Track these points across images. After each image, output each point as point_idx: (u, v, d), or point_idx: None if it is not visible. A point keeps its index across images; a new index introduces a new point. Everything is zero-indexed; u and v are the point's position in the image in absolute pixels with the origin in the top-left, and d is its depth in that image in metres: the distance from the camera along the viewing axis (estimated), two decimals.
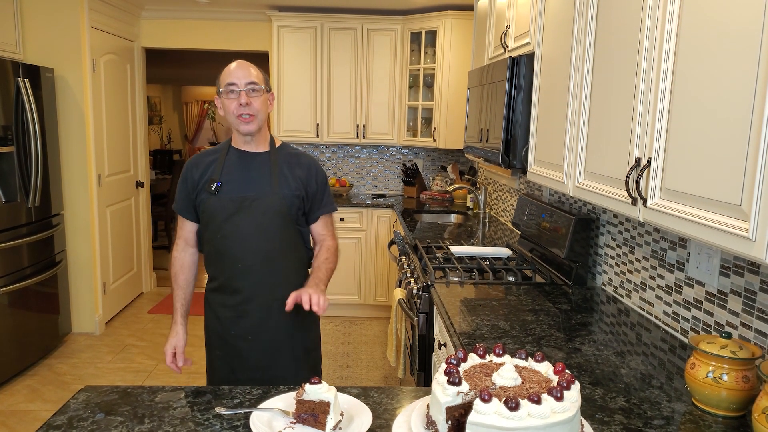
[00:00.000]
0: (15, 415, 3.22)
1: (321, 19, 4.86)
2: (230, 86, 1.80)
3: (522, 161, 2.64)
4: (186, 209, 1.94)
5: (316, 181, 1.95)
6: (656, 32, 1.43)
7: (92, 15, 4.23)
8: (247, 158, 1.90)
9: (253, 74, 1.83)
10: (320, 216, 1.99)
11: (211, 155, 1.94)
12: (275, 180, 1.87)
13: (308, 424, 1.23)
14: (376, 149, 5.44)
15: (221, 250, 1.86)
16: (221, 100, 1.85)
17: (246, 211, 1.83)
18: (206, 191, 1.86)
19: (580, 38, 1.93)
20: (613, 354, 1.68)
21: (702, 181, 1.24)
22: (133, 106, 5.13)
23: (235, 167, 1.89)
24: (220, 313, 1.92)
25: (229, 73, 1.83)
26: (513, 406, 0.92)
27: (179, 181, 1.96)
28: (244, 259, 1.85)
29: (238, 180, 1.87)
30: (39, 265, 3.85)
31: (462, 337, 1.78)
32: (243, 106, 1.80)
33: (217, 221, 1.85)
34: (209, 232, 1.88)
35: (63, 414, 1.28)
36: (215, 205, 1.84)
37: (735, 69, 1.13)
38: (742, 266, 1.56)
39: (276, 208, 1.85)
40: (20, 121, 3.63)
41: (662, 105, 1.40)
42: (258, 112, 1.83)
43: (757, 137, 1.06)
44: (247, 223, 1.83)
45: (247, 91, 1.80)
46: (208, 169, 1.89)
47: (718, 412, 1.32)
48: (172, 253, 2.01)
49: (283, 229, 1.88)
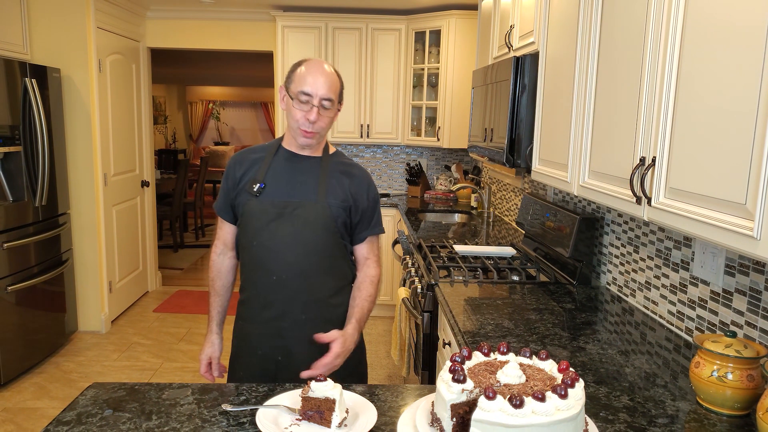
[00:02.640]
0: (23, 412, 3.24)
1: (325, 19, 4.87)
2: (304, 95, 1.63)
3: (526, 160, 2.65)
4: (224, 209, 1.80)
5: (368, 198, 1.79)
6: (661, 31, 1.43)
7: (98, 15, 4.26)
8: (296, 161, 1.74)
9: (332, 89, 1.66)
10: (367, 237, 1.82)
11: (258, 153, 1.79)
12: (323, 188, 1.71)
13: (314, 421, 1.24)
14: (380, 149, 5.45)
15: (255, 259, 1.71)
16: (287, 102, 1.69)
17: (287, 218, 1.68)
18: (247, 192, 1.71)
19: (584, 37, 1.93)
20: (618, 353, 1.69)
21: (707, 180, 1.24)
22: (139, 105, 5.15)
23: (281, 169, 1.73)
24: (248, 328, 1.77)
25: (307, 77, 1.65)
26: (517, 404, 0.93)
27: (222, 179, 1.82)
28: (280, 271, 1.69)
29: (283, 183, 1.71)
30: (46, 264, 3.87)
31: (466, 336, 1.79)
32: (309, 122, 1.65)
33: (254, 226, 1.70)
34: (245, 238, 1.74)
35: (72, 410, 1.29)
36: (255, 208, 1.69)
37: (739, 68, 1.13)
38: (747, 265, 1.56)
39: (320, 218, 1.68)
40: (27, 121, 3.66)
41: (667, 104, 1.40)
42: (323, 129, 1.69)
43: (762, 136, 1.06)
44: (286, 232, 1.68)
45: (319, 107, 1.64)
46: (252, 167, 1.74)
47: (723, 411, 1.32)
48: (210, 256, 1.88)
49: (325, 241, 1.70)
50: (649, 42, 1.49)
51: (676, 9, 1.37)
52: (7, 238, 3.47)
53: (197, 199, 7.62)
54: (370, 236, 1.83)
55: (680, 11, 1.36)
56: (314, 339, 1.66)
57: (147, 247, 5.35)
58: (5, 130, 3.47)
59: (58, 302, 4.05)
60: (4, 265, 3.45)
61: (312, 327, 1.70)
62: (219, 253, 1.86)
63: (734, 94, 1.15)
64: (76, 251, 4.31)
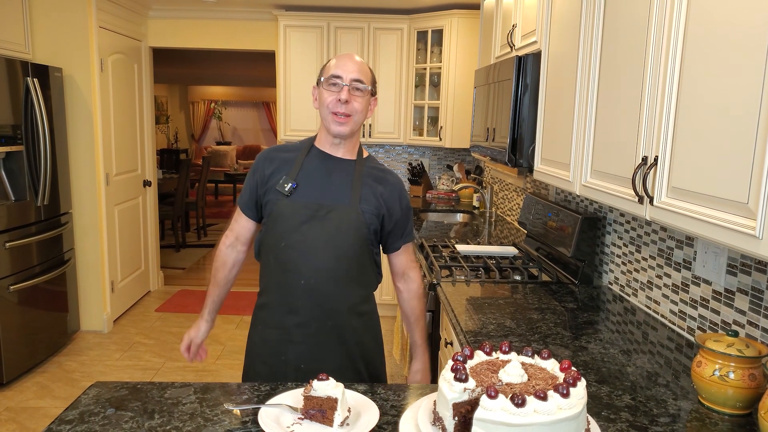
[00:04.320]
0: (25, 412, 3.25)
1: (327, 19, 4.87)
2: (334, 78, 1.61)
3: (528, 160, 2.64)
4: (248, 206, 1.75)
5: (401, 206, 1.74)
6: (663, 30, 1.43)
7: (100, 15, 4.26)
8: (330, 162, 1.69)
9: (362, 70, 1.64)
10: (403, 245, 1.79)
11: (289, 152, 1.74)
12: (356, 193, 1.66)
13: (316, 420, 1.24)
14: (382, 148, 5.45)
15: (283, 261, 1.64)
16: (319, 91, 1.66)
17: (318, 221, 1.62)
18: (277, 191, 1.66)
19: (587, 37, 1.93)
20: (620, 352, 1.69)
21: (709, 179, 1.24)
22: (141, 105, 5.16)
23: (314, 170, 1.68)
24: (268, 334, 1.70)
25: (336, 63, 1.64)
26: (519, 403, 0.93)
27: (249, 174, 1.76)
28: (308, 275, 1.63)
29: (316, 185, 1.66)
30: (48, 264, 3.88)
31: (468, 336, 1.79)
32: (341, 103, 1.60)
33: (284, 227, 1.64)
34: (272, 239, 1.67)
35: (74, 409, 1.30)
36: (285, 208, 1.64)
37: (742, 66, 1.13)
38: (749, 265, 1.56)
39: (353, 223, 1.63)
40: (29, 121, 3.66)
41: (669, 103, 1.40)
42: (356, 113, 1.63)
43: (764, 135, 1.06)
44: (317, 235, 1.62)
45: (350, 87, 1.61)
46: (284, 166, 1.69)
47: (725, 410, 1.32)
48: (218, 246, 1.83)
49: (356, 248, 1.65)
50: (652, 41, 1.49)
51: (678, 8, 1.37)
52: (9, 238, 3.48)
53: (199, 199, 7.63)
54: (405, 245, 1.81)
55: (682, 10, 1.36)
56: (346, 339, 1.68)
57: (149, 246, 5.36)
58: (7, 130, 3.48)
59: (61, 302, 4.06)
60: (6, 264, 3.45)
61: (339, 335, 1.67)
62: (229, 245, 1.81)
63: (736, 93, 1.14)
64: (78, 251, 4.32)
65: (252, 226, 1.78)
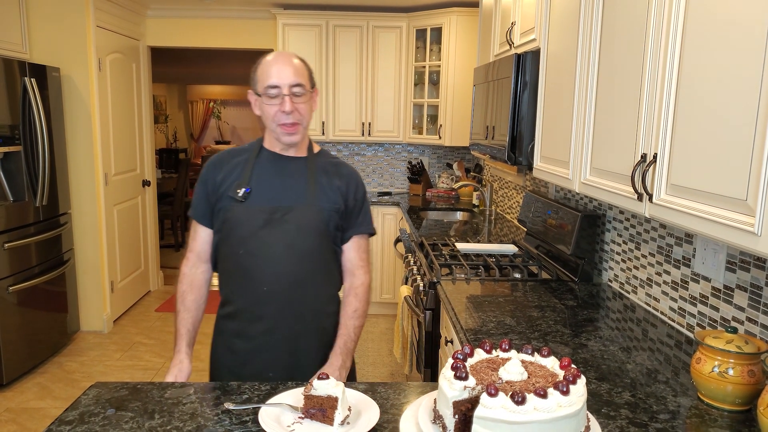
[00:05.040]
0: (25, 413, 3.25)
1: (326, 17, 4.87)
2: (271, 89, 1.55)
3: (528, 158, 2.64)
4: (205, 215, 1.67)
5: (355, 197, 1.69)
6: (662, 27, 1.43)
7: (98, 14, 4.26)
8: (282, 163, 1.65)
9: (298, 72, 1.57)
10: (353, 236, 1.70)
11: (238, 155, 1.68)
12: (312, 190, 1.62)
13: (316, 419, 1.25)
14: (381, 147, 5.45)
15: (243, 268, 1.60)
16: (258, 101, 1.60)
17: (277, 224, 1.58)
18: (230, 197, 1.60)
19: (585, 34, 1.93)
20: (619, 349, 1.69)
21: (708, 176, 1.24)
22: (139, 104, 5.15)
23: (266, 172, 1.64)
24: (234, 345, 1.65)
25: (268, 71, 1.56)
26: (519, 400, 0.93)
27: (198, 183, 1.69)
28: (271, 281, 1.59)
29: (269, 187, 1.62)
30: (47, 264, 3.87)
31: (468, 334, 1.79)
32: (285, 114, 1.55)
33: (240, 234, 1.59)
34: (229, 247, 1.62)
35: (74, 409, 1.30)
36: (241, 214, 1.59)
37: (740, 63, 1.13)
38: (748, 261, 1.56)
39: (312, 222, 1.60)
40: (27, 121, 3.66)
41: (668, 100, 1.40)
42: (303, 119, 1.59)
43: (763, 131, 1.06)
44: (276, 238, 1.58)
45: (290, 95, 1.55)
46: (234, 171, 1.64)
47: (724, 407, 1.32)
48: (181, 269, 1.72)
49: (318, 247, 1.62)
50: (651, 39, 1.49)
51: (677, 5, 1.37)
52: (8, 239, 3.48)
53: None
54: (356, 235, 1.71)
55: (681, 7, 1.36)
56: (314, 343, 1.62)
57: (148, 246, 5.36)
58: (5, 130, 3.47)
59: (60, 302, 4.06)
60: (5, 265, 3.45)
61: (307, 339, 1.64)
62: (191, 265, 1.71)
63: (735, 90, 1.14)
64: (77, 251, 4.32)
65: (210, 239, 1.69)
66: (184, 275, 1.71)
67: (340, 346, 1.66)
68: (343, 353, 1.65)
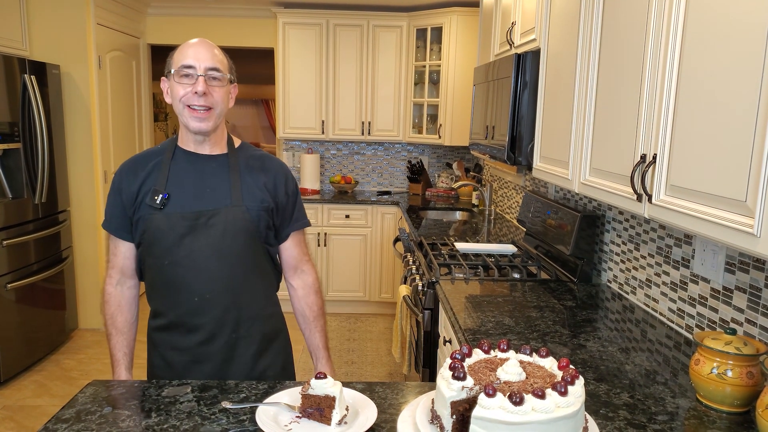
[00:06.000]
0: (23, 410, 3.24)
1: (326, 16, 4.87)
2: (185, 69, 1.44)
3: (527, 158, 2.64)
4: (121, 227, 1.54)
5: (287, 192, 1.60)
6: (662, 28, 1.43)
7: (98, 12, 4.25)
8: (200, 162, 1.53)
9: (218, 58, 1.48)
10: (291, 233, 1.64)
11: (152, 158, 1.55)
12: (237, 189, 1.52)
13: (314, 418, 1.24)
14: (381, 146, 5.44)
15: (171, 279, 1.50)
16: (170, 84, 1.48)
17: (201, 230, 1.48)
18: (148, 205, 1.48)
19: (586, 34, 1.93)
20: (618, 350, 1.69)
21: (707, 177, 1.23)
22: (139, 102, 5.15)
23: (184, 174, 1.52)
24: (170, 357, 1.56)
25: (185, 51, 1.46)
26: (517, 401, 0.93)
27: (111, 193, 1.55)
28: (202, 290, 1.50)
29: (189, 190, 1.50)
30: (46, 262, 3.87)
31: (467, 334, 1.79)
32: (197, 96, 1.44)
33: (164, 244, 1.48)
34: (153, 258, 1.51)
35: (71, 407, 1.29)
36: (161, 223, 1.48)
37: (740, 64, 1.13)
38: (747, 263, 1.56)
39: (239, 224, 1.50)
40: (27, 118, 3.65)
41: (668, 101, 1.40)
42: (216, 104, 1.47)
43: (763, 133, 1.06)
44: (203, 245, 1.48)
45: (206, 77, 1.45)
46: (150, 176, 1.51)
47: (723, 408, 1.32)
48: (105, 289, 1.59)
49: (249, 250, 1.53)
50: (651, 39, 1.49)
51: (678, 5, 1.36)
52: (7, 236, 3.47)
53: None
54: (295, 232, 1.65)
55: (681, 7, 1.35)
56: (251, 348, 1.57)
57: None
58: (4, 127, 3.47)
59: (59, 300, 4.05)
60: (3, 262, 3.45)
61: (246, 345, 1.58)
62: (116, 284, 1.59)
63: (735, 91, 1.14)
64: (76, 249, 4.31)
65: (132, 253, 1.57)
66: (110, 295, 1.59)
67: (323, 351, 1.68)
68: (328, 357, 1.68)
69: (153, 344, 1.61)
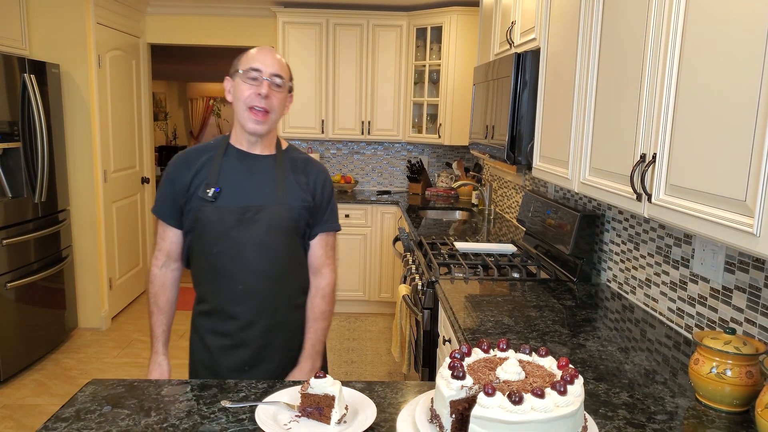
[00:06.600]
0: (22, 409, 3.24)
1: (326, 15, 4.86)
2: (253, 71, 1.55)
3: (527, 157, 2.64)
4: (171, 215, 1.65)
5: (323, 193, 1.70)
6: (662, 27, 1.43)
7: (98, 11, 4.25)
8: (250, 161, 1.64)
9: (282, 66, 1.59)
10: (319, 234, 1.71)
11: (205, 153, 1.65)
12: (282, 188, 1.62)
13: (313, 417, 1.24)
14: (381, 146, 5.44)
15: (217, 268, 1.61)
16: (235, 83, 1.59)
17: (248, 223, 1.58)
18: (200, 197, 1.59)
19: (585, 34, 1.93)
20: (618, 350, 1.69)
21: (707, 176, 1.23)
22: (139, 102, 5.15)
23: (235, 171, 1.62)
24: (210, 341, 1.66)
25: (254, 56, 1.58)
26: (516, 400, 0.93)
27: (163, 182, 1.66)
28: (245, 279, 1.60)
29: (238, 186, 1.61)
30: (45, 261, 3.87)
31: (466, 333, 1.79)
32: (260, 97, 1.54)
33: (213, 234, 1.59)
34: (202, 246, 1.61)
35: (71, 406, 1.29)
36: (211, 215, 1.58)
37: (740, 64, 1.13)
38: (747, 262, 1.56)
39: (282, 221, 1.61)
40: (26, 117, 3.65)
41: (668, 101, 1.40)
42: (274, 109, 1.58)
43: (762, 132, 1.06)
44: (248, 237, 1.59)
45: (270, 82, 1.56)
46: (202, 169, 1.61)
47: (722, 408, 1.32)
48: (151, 270, 1.71)
49: (289, 244, 1.64)
50: (650, 39, 1.49)
51: (677, 5, 1.36)
52: (7, 235, 3.47)
53: None
54: (323, 233, 1.72)
55: (681, 7, 1.35)
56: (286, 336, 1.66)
57: (147, 243, 5.35)
58: (4, 126, 3.46)
59: (58, 299, 4.05)
60: (3, 261, 3.45)
61: (280, 332, 1.67)
62: (161, 265, 1.70)
63: (734, 90, 1.14)
64: (75, 248, 4.31)
65: (179, 238, 1.68)
66: (155, 276, 1.71)
67: (308, 350, 1.71)
68: (312, 357, 1.71)
69: (195, 328, 1.71)
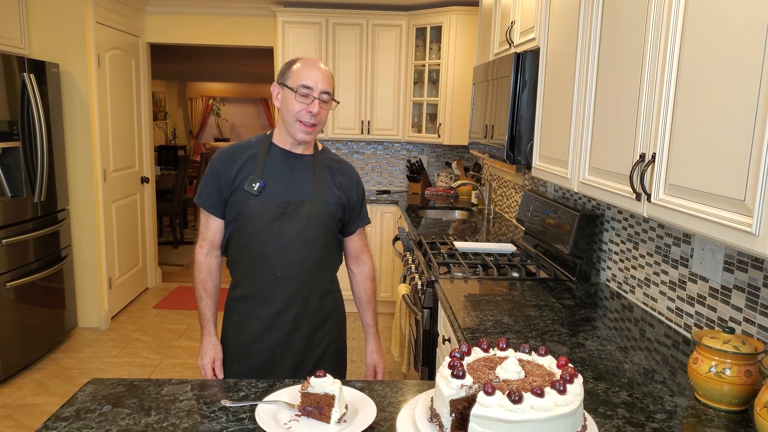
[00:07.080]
0: (22, 409, 3.24)
1: (326, 15, 4.86)
2: (305, 89, 1.67)
3: (527, 157, 2.64)
4: (215, 205, 1.77)
5: (357, 193, 1.88)
6: (662, 27, 1.43)
7: (97, 10, 4.25)
8: (291, 160, 1.77)
9: (330, 82, 1.72)
10: (357, 229, 1.92)
11: (249, 149, 1.77)
12: (320, 186, 1.76)
13: (313, 416, 1.25)
14: (380, 145, 5.44)
15: (258, 257, 1.74)
16: (284, 94, 1.71)
17: (289, 217, 1.72)
18: (245, 191, 1.71)
19: (585, 33, 1.93)
20: (617, 349, 1.69)
21: (706, 176, 1.24)
22: (138, 101, 5.15)
23: (278, 167, 1.75)
24: (246, 324, 1.79)
25: (307, 71, 1.69)
26: (516, 399, 0.93)
27: (207, 173, 1.78)
28: (284, 268, 1.73)
29: (281, 182, 1.74)
30: (45, 260, 3.87)
31: (466, 332, 1.79)
32: (310, 114, 1.68)
33: (256, 225, 1.72)
34: (244, 236, 1.74)
35: (71, 406, 1.29)
36: (256, 207, 1.71)
37: (739, 63, 1.13)
38: (745, 262, 1.56)
39: (320, 215, 1.75)
40: (26, 117, 3.65)
41: (667, 100, 1.40)
42: (321, 123, 1.73)
43: (761, 132, 1.06)
44: (289, 230, 1.72)
45: (320, 100, 1.69)
46: (247, 165, 1.74)
47: (721, 407, 1.32)
48: (197, 257, 1.83)
49: (324, 237, 1.79)
50: (650, 39, 1.49)
51: (677, 4, 1.36)
52: (6, 234, 3.47)
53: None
54: (359, 228, 1.94)
55: (681, 7, 1.35)
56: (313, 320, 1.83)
57: (147, 243, 5.35)
58: (3, 126, 3.46)
59: (58, 298, 4.05)
60: (2, 261, 3.45)
61: (311, 317, 1.82)
62: (206, 253, 1.82)
63: (734, 90, 1.14)
64: (75, 247, 4.31)
65: (222, 228, 1.80)
66: (202, 264, 1.83)
67: (373, 329, 2.04)
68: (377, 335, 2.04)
69: (230, 312, 1.84)
